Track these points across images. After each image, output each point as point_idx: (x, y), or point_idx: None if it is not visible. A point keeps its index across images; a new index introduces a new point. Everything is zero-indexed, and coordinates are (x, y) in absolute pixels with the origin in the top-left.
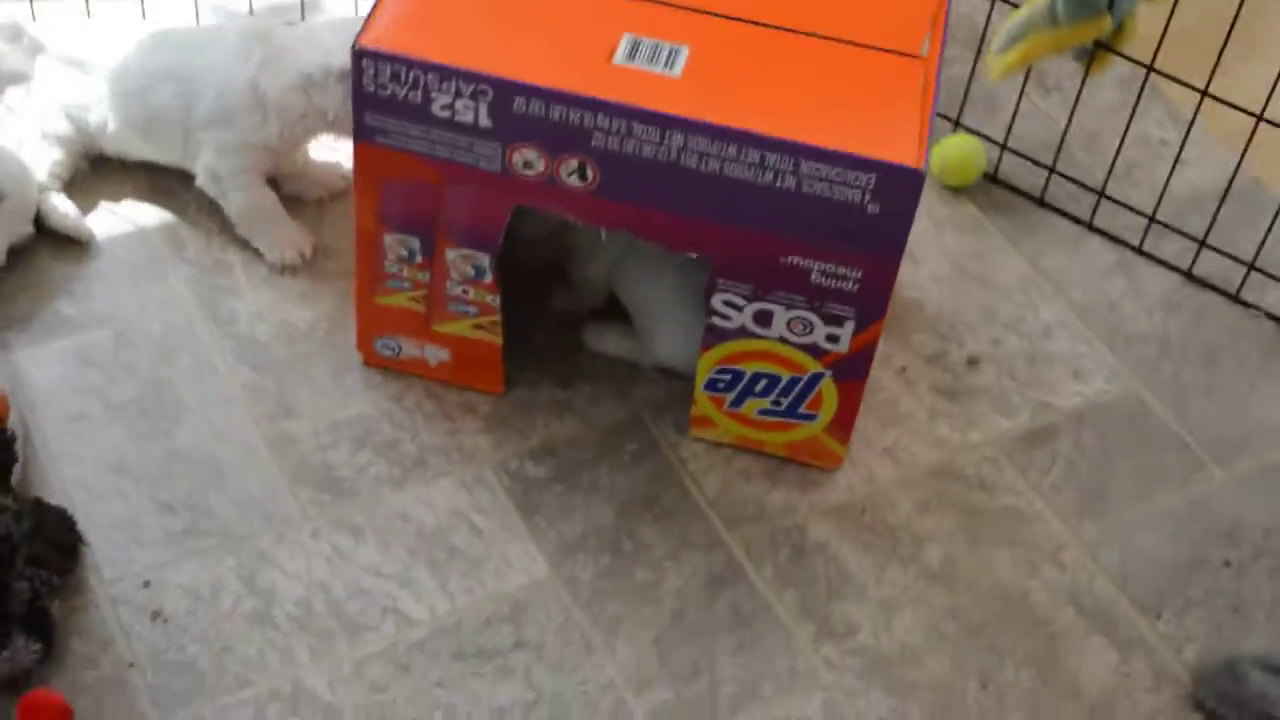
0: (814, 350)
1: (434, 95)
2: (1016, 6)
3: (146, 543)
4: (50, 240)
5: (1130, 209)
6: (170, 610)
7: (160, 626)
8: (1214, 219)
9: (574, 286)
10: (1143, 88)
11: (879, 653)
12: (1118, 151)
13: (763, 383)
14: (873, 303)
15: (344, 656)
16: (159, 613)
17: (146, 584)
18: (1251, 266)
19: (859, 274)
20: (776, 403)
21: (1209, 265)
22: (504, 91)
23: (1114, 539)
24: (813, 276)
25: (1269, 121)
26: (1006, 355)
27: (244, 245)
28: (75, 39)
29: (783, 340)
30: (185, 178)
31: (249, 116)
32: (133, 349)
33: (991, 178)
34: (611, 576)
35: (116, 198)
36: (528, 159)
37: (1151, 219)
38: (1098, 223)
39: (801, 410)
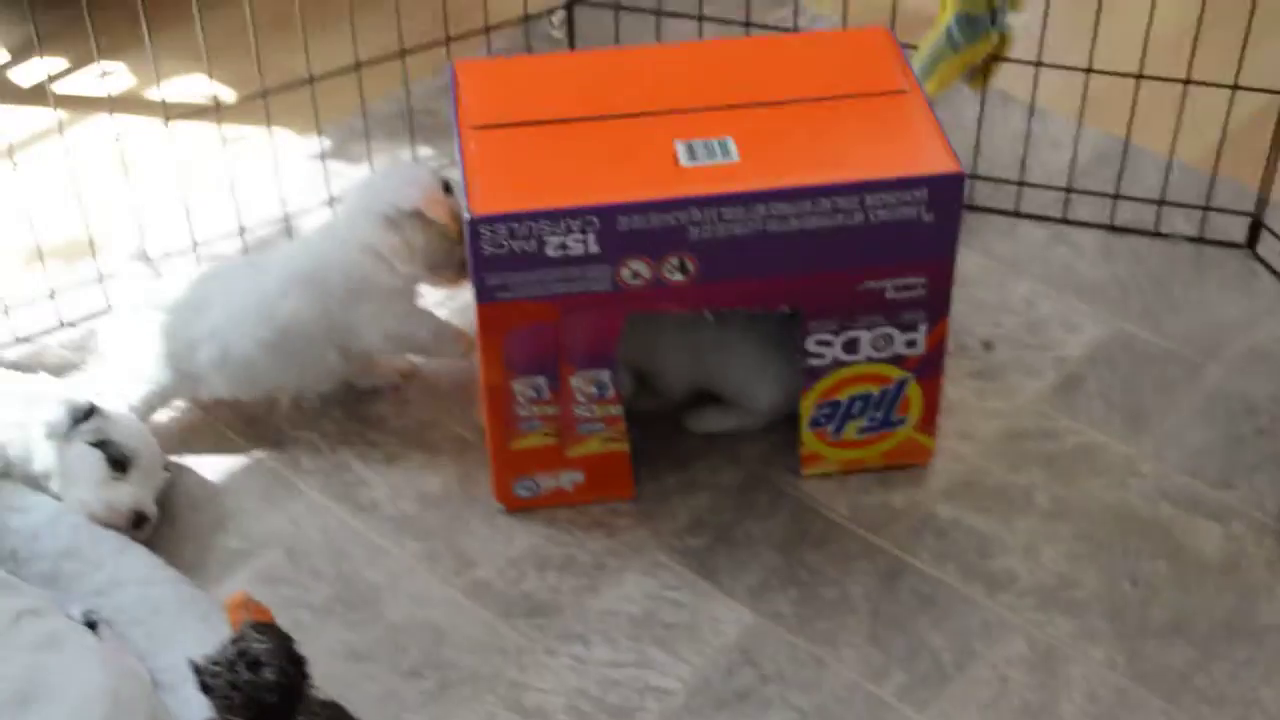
0: (896, 360)
1: (547, 239)
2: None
3: (413, 707)
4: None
5: (1047, 187)
6: None
7: None
8: (1120, 174)
9: (658, 393)
10: (1035, 82)
11: (1044, 586)
12: (1026, 148)
13: (858, 404)
14: (939, 301)
15: None
16: None
17: None
18: (1161, 203)
19: (924, 279)
20: (872, 418)
21: (1124, 214)
22: (609, 216)
23: (1168, 441)
24: (887, 294)
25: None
26: (1010, 332)
27: (350, 442)
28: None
29: (869, 360)
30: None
31: (379, 274)
32: (307, 558)
33: None
34: (806, 603)
35: (203, 437)
36: (635, 270)
37: (1068, 190)
38: (1023, 209)
39: (894, 417)
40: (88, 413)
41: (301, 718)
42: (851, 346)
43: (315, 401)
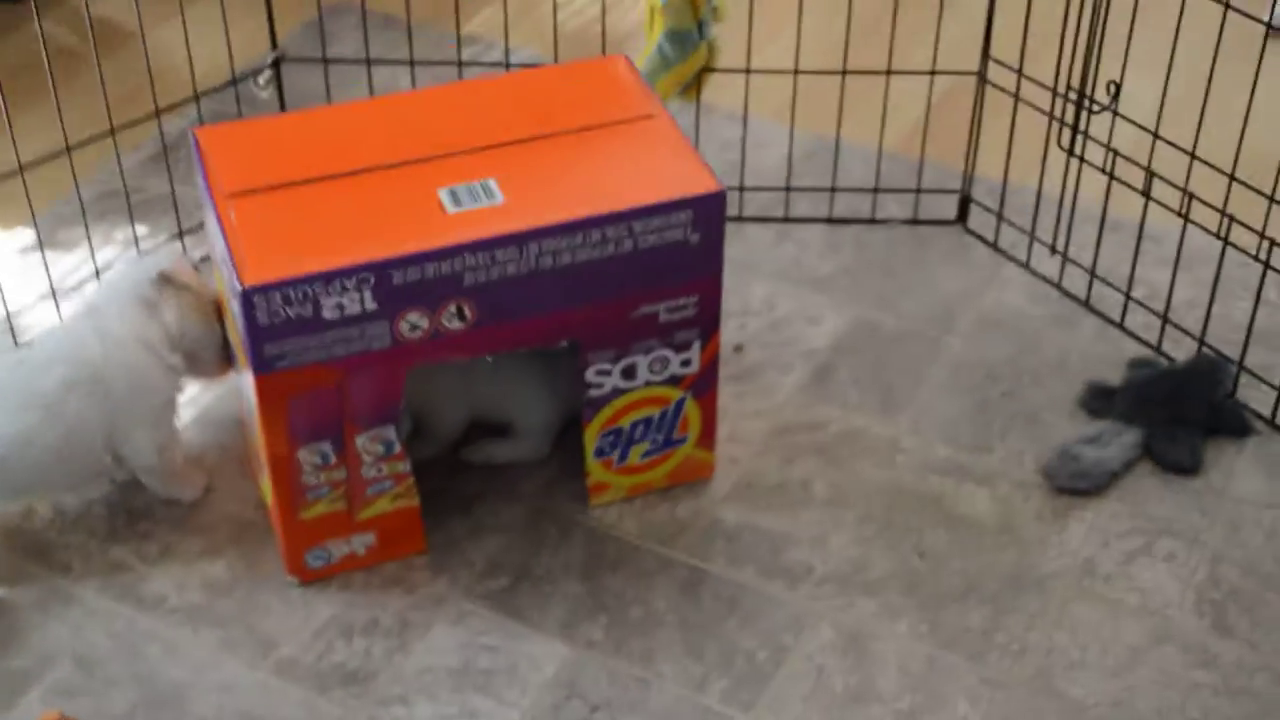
0: (673, 380)
1: (323, 301)
2: None
3: None
4: None
5: (767, 189)
6: None
7: None
8: (835, 169)
9: (433, 436)
10: (747, 88)
11: (839, 573)
12: (743, 152)
13: (640, 428)
14: (709, 317)
15: None
16: None
17: None
18: (876, 190)
19: (695, 298)
20: (654, 440)
21: (840, 206)
22: (384, 271)
23: (923, 415)
24: (660, 317)
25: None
26: (756, 333)
27: (121, 538)
28: None
29: (648, 384)
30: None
31: (158, 376)
32: (100, 665)
33: None
34: (616, 626)
35: None
36: (413, 322)
37: (787, 189)
38: (746, 212)
39: (675, 436)
40: None
41: None
42: (630, 373)
43: (76, 502)
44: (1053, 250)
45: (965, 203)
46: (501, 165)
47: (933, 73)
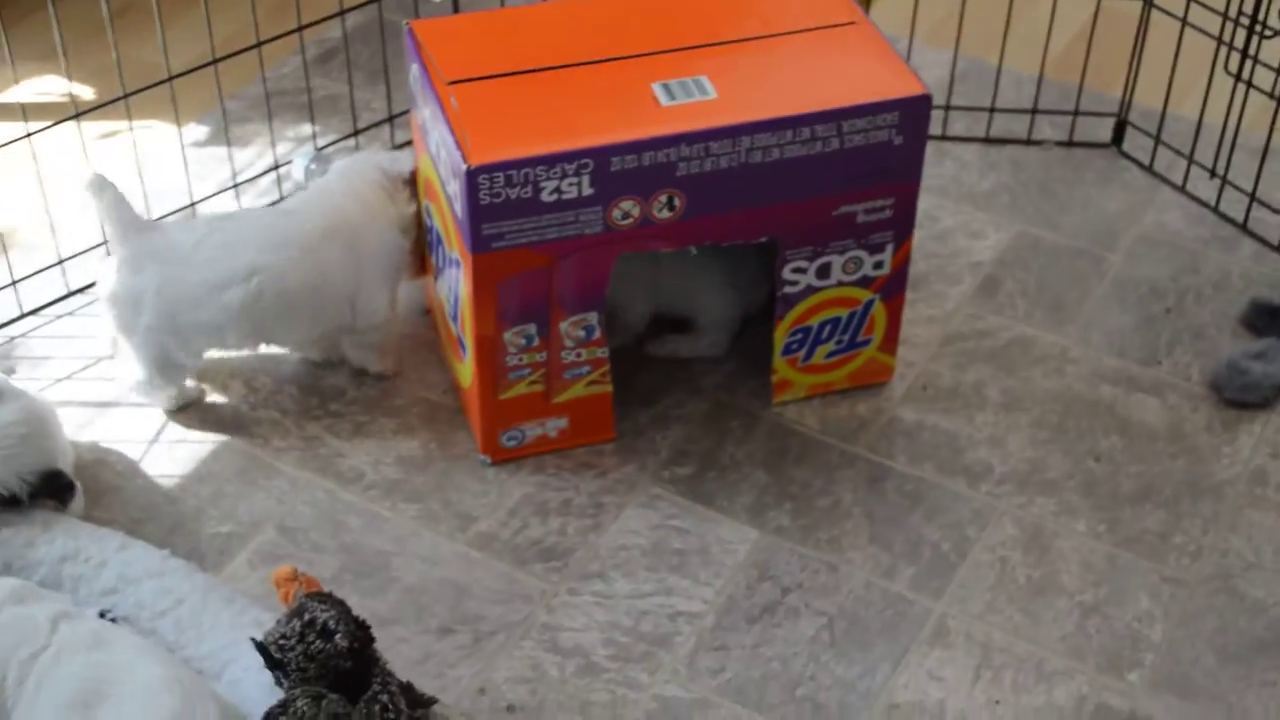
0: (864, 281)
1: (543, 184)
2: None
3: (454, 663)
4: (142, 479)
5: None
6: (518, 699)
7: (520, 714)
8: (996, 89)
9: (619, 328)
10: (915, 10)
11: (1017, 472)
12: None
13: (828, 328)
14: (905, 221)
15: (672, 661)
16: (511, 706)
17: (482, 691)
18: (1034, 112)
19: (892, 201)
20: (839, 340)
21: (997, 127)
22: (603, 157)
23: (1091, 328)
24: (858, 218)
25: None
26: (921, 244)
27: (314, 416)
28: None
29: (839, 284)
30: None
31: (397, 243)
32: (304, 533)
33: None
34: (803, 514)
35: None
36: (625, 210)
37: (946, 108)
38: None
39: (860, 339)
40: None
41: (377, 681)
42: (824, 271)
43: (269, 382)
44: (1212, 174)
45: (1121, 126)
46: (712, 63)
47: None
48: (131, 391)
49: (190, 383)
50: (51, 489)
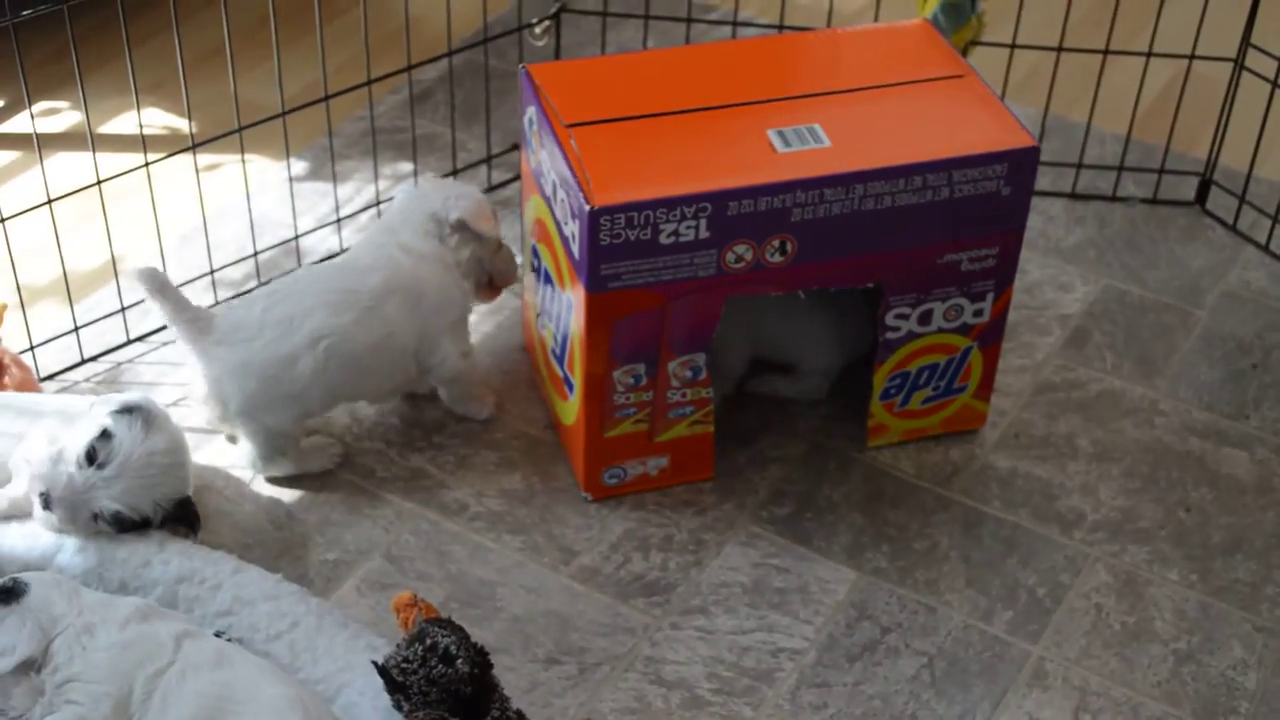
0: (964, 329)
1: (661, 227)
2: None
3: (560, 693)
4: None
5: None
6: None
7: None
8: (1084, 145)
9: (718, 376)
10: (1009, 64)
11: (1110, 521)
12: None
13: (925, 374)
14: (1007, 270)
15: (775, 696)
16: None
17: None
18: (1120, 169)
19: (996, 250)
20: (936, 387)
21: (1084, 182)
22: (721, 202)
23: (1179, 383)
24: (962, 265)
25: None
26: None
27: (418, 448)
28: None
29: (940, 330)
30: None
31: (459, 292)
32: (410, 562)
33: None
34: (900, 556)
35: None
36: (739, 254)
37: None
38: None
39: (956, 385)
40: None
41: (495, 707)
42: (926, 318)
43: (372, 413)
44: None
45: (1206, 185)
46: (825, 112)
47: (1192, 56)
48: (253, 472)
49: (310, 443)
50: (182, 516)
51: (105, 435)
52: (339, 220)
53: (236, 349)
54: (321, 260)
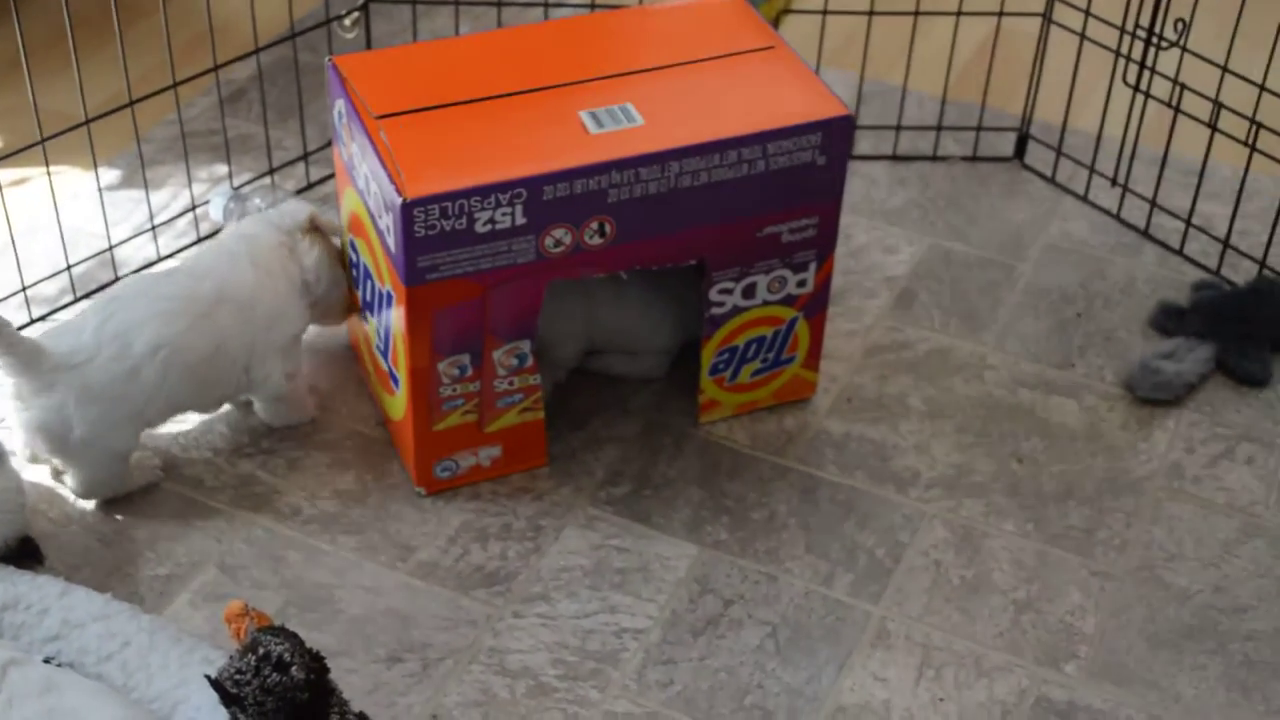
0: (789, 300)
1: (476, 215)
2: None
3: (404, 690)
4: (76, 525)
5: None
6: None
7: None
8: (901, 108)
9: (551, 367)
10: (822, 32)
11: (945, 478)
12: None
13: (753, 347)
14: (827, 239)
15: (621, 677)
16: None
17: (434, 717)
18: (939, 129)
19: (816, 219)
20: (765, 359)
21: (905, 144)
22: (536, 187)
23: (1006, 336)
24: (783, 237)
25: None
26: (839, 260)
27: (246, 454)
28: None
29: (764, 303)
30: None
31: (295, 307)
32: (244, 570)
33: None
34: (740, 528)
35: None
36: (557, 238)
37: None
38: None
39: (784, 356)
40: None
41: (335, 712)
42: (749, 291)
43: (196, 423)
44: (1113, 182)
45: (1023, 140)
46: (636, 90)
47: (1000, 14)
48: (82, 501)
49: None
50: (25, 552)
51: None
52: (154, 228)
53: (74, 374)
54: (139, 270)
